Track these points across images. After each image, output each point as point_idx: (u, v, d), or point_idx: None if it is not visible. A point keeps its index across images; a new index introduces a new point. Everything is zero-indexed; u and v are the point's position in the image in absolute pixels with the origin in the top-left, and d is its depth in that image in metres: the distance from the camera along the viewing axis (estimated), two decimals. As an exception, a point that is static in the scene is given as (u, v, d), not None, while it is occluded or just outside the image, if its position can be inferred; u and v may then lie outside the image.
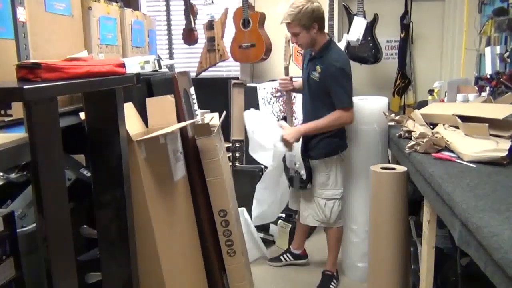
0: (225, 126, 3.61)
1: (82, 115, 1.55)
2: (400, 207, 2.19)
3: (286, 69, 2.68)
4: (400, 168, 2.20)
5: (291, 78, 2.70)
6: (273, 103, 3.61)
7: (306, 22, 2.43)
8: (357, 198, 2.81)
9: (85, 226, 1.64)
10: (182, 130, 2.12)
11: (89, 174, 1.62)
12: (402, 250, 2.21)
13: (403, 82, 3.79)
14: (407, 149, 2.06)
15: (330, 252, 2.84)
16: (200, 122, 2.36)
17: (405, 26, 3.76)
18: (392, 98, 3.80)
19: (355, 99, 2.64)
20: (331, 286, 2.77)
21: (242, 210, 3.01)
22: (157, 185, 1.80)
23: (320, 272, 2.85)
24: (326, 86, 2.48)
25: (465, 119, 2.03)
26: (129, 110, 1.86)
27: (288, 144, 2.53)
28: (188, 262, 2.04)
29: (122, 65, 1.38)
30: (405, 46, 3.78)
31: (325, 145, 2.61)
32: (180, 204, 2.02)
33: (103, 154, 1.46)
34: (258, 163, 3.27)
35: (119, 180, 1.46)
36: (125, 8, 2.25)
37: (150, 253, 1.70)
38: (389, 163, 2.81)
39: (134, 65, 2.11)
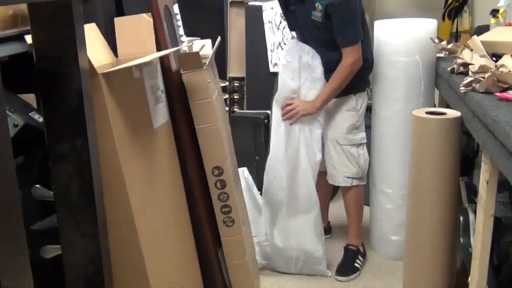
0: (220, 59, 3.55)
1: (29, 38, 1.51)
2: (450, 164, 2.19)
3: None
4: (452, 113, 2.20)
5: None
6: (283, 28, 3.55)
7: None
8: (392, 153, 2.81)
9: (38, 185, 1.63)
10: (164, 62, 2.09)
11: (41, 119, 1.60)
12: (449, 219, 2.22)
13: (457, 1, 3.71)
14: (462, 88, 2.04)
15: (352, 220, 2.87)
16: (187, 51, 2.32)
17: None
18: (442, 22, 3.73)
19: (393, 21, 2.68)
20: (356, 264, 2.81)
21: (243, 170, 3.01)
22: (131, 132, 1.78)
23: (342, 247, 2.88)
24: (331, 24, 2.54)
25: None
26: (92, 33, 1.83)
27: (292, 115, 2.62)
28: (173, 233, 2.05)
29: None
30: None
31: (355, 78, 2.65)
32: (162, 159, 2.02)
33: (58, 91, 1.42)
34: (263, 107, 3.24)
35: (80, 125, 1.43)
36: None
37: (123, 220, 1.70)
38: (435, 106, 2.79)
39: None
